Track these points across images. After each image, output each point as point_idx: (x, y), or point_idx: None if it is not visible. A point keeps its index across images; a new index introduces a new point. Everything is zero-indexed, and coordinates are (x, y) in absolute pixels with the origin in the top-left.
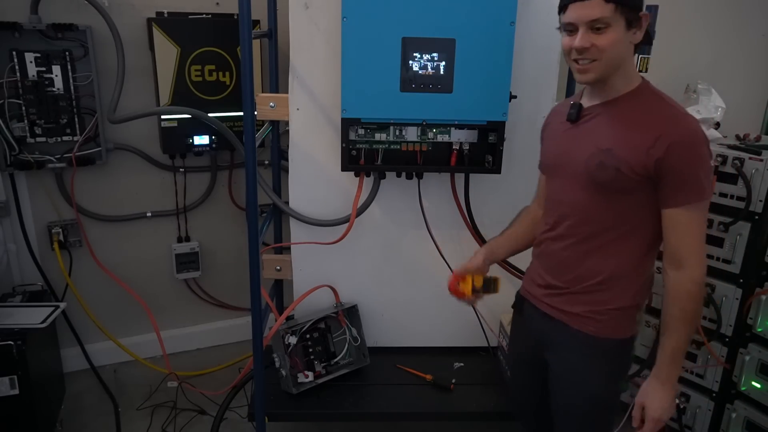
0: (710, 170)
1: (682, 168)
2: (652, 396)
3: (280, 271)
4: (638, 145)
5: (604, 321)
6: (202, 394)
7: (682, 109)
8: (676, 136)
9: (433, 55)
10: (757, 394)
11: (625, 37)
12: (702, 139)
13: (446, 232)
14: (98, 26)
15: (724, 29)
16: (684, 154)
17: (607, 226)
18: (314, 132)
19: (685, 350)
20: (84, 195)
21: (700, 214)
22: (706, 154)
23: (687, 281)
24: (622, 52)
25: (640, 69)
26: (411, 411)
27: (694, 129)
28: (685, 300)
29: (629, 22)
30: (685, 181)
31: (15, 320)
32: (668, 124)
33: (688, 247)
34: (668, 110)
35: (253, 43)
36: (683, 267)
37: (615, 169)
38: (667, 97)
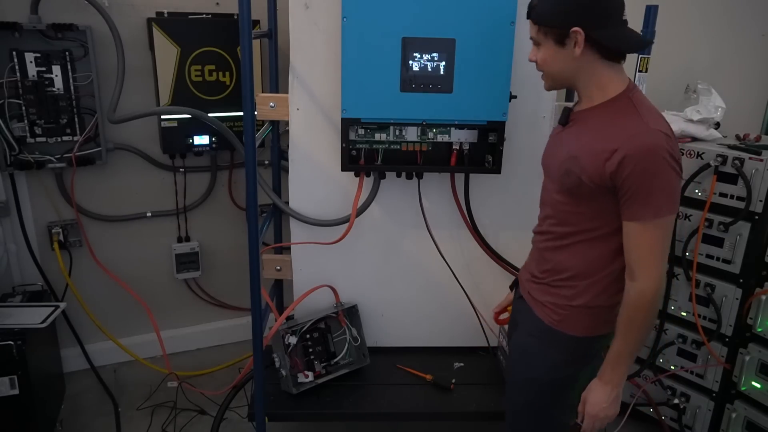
0: (669, 187)
1: (632, 183)
2: (593, 393)
3: (280, 271)
4: (598, 155)
5: (563, 315)
6: (202, 394)
7: (651, 123)
8: (630, 150)
9: (433, 55)
10: (757, 394)
11: (559, 54)
12: (659, 155)
13: (446, 232)
14: (98, 26)
15: (724, 29)
16: (635, 169)
17: (577, 228)
18: (314, 132)
19: (629, 356)
20: (84, 195)
21: (655, 230)
22: (663, 170)
23: (635, 292)
24: (565, 68)
25: (640, 69)
26: (411, 411)
27: (652, 145)
28: (632, 309)
29: (559, 40)
30: (637, 196)
31: (15, 320)
32: (627, 138)
33: (638, 260)
34: (633, 123)
35: (253, 43)
36: (634, 278)
37: (578, 177)
38: (643, 109)
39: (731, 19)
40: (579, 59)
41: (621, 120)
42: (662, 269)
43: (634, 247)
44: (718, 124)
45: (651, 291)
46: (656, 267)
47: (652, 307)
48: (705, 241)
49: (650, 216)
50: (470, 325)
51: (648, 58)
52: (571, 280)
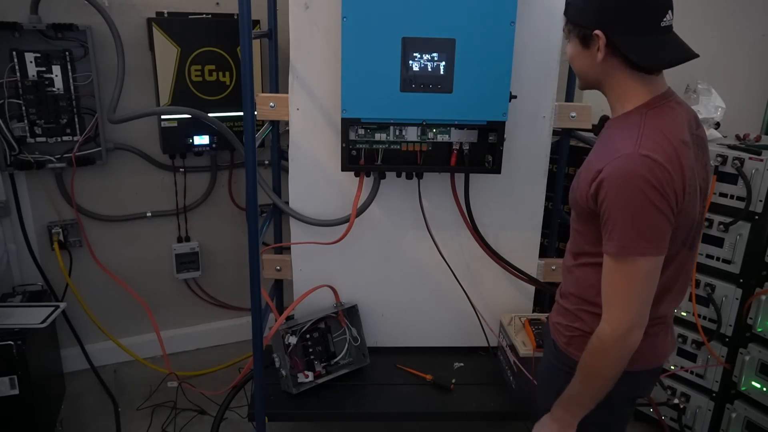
0: (643, 223)
1: (605, 210)
2: (539, 424)
3: (280, 271)
4: (589, 175)
5: (569, 338)
6: (202, 394)
7: (643, 148)
8: (608, 173)
9: (433, 55)
10: (757, 394)
11: (583, 54)
12: (634, 184)
13: (446, 232)
14: (98, 26)
15: (724, 29)
16: (607, 195)
17: (582, 250)
18: (314, 132)
19: (581, 401)
20: (84, 195)
21: (622, 270)
22: (637, 203)
23: (595, 334)
24: (588, 70)
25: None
26: (411, 411)
27: (629, 171)
28: (589, 351)
29: (583, 40)
30: (607, 225)
31: (15, 320)
32: (610, 160)
33: (608, 297)
34: (624, 144)
35: (253, 43)
36: (604, 318)
37: (575, 195)
38: (647, 129)
39: (731, 19)
40: (602, 64)
41: (619, 138)
42: (632, 315)
43: (605, 281)
44: (718, 124)
45: (611, 337)
46: (622, 311)
47: (609, 355)
48: (705, 241)
49: (614, 251)
50: (470, 325)
51: None
52: (572, 303)
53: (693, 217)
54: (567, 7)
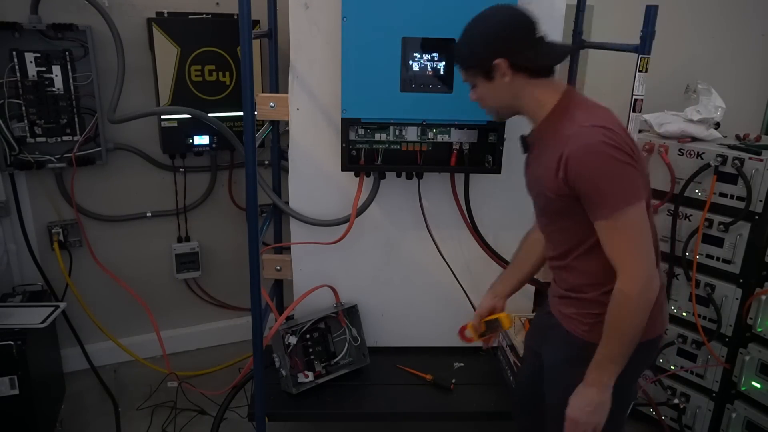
0: (620, 178)
1: (582, 185)
2: (576, 396)
3: (280, 271)
4: (551, 168)
5: (590, 324)
6: (202, 394)
7: (587, 121)
8: (570, 152)
9: (433, 55)
10: (757, 394)
11: (493, 87)
12: (598, 150)
13: (446, 232)
14: (98, 26)
15: (724, 29)
16: (580, 170)
17: (570, 246)
18: (314, 132)
19: (613, 360)
20: (84, 195)
21: (621, 225)
22: (608, 164)
23: (617, 292)
24: (503, 98)
25: (640, 69)
26: (411, 411)
27: (589, 142)
28: (615, 310)
29: (487, 75)
30: (591, 196)
31: (15, 320)
32: (566, 142)
33: (616, 260)
34: (570, 127)
35: (253, 43)
36: (621, 275)
37: (546, 196)
38: (579, 110)
39: (731, 19)
40: (511, 86)
41: (560, 128)
42: (645, 265)
43: (608, 247)
44: (718, 124)
45: (634, 290)
46: (636, 264)
47: (636, 309)
48: (705, 241)
49: (609, 212)
50: None
51: (648, 58)
52: (586, 293)
53: (645, 169)
54: (459, 60)
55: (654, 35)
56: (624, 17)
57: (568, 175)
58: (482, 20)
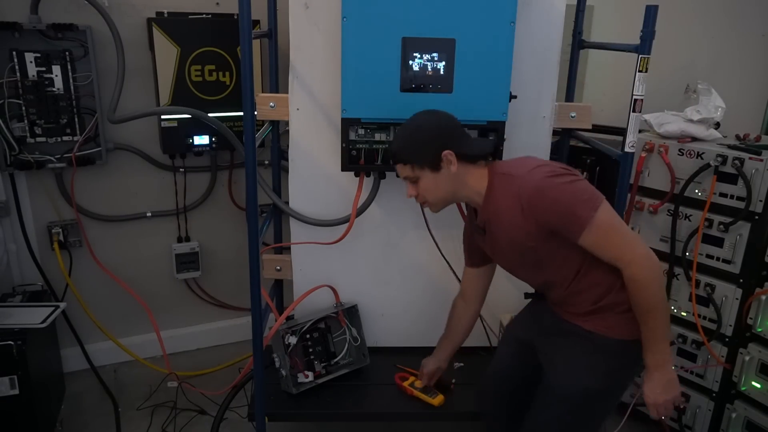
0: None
1: (550, 217)
2: (646, 384)
3: (280, 271)
4: (518, 224)
5: (610, 322)
6: (202, 394)
7: (522, 171)
8: (527, 199)
9: (433, 55)
10: (757, 394)
11: (438, 178)
12: (546, 185)
13: (446, 232)
14: (98, 26)
15: (724, 29)
16: (542, 207)
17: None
18: (314, 132)
19: (658, 337)
20: (84, 195)
21: (600, 226)
22: (559, 191)
23: (631, 277)
24: (447, 187)
25: (640, 69)
26: (411, 411)
27: (536, 185)
28: (635, 296)
29: (433, 167)
30: (563, 221)
31: (15, 320)
32: (519, 195)
33: (613, 255)
34: (513, 184)
35: (253, 43)
36: (626, 266)
37: (528, 249)
38: (512, 170)
39: (731, 19)
40: (456, 175)
41: (506, 190)
42: (637, 247)
43: (601, 251)
44: (718, 124)
45: (642, 273)
46: (630, 250)
47: (653, 285)
48: (705, 241)
49: (585, 224)
50: None
51: (648, 58)
52: (599, 302)
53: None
54: (404, 158)
55: (654, 35)
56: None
57: (537, 218)
58: (420, 123)
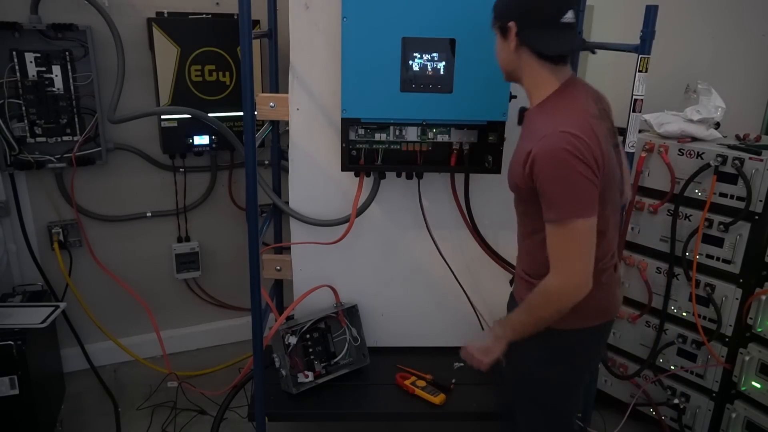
0: (573, 190)
1: (540, 185)
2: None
3: (280, 271)
4: (522, 158)
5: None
6: (202, 394)
7: (560, 125)
8: (536, 152)
9: (433, 55)
10: (757, 394)
11: (502, 46)
12: (559, 157)
13: (446, 232)
14: (98, 26)
15: (724, 29)
16: (540, 171)
17: (529, 229)
18: (314, 132)
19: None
20: (84, 195)
21: (562, 235)
22: (564, 173)
23: (543, 282)
24: (507, 62)
25: (640, 69)
26: (411, 411)
27: (552, 147)
28: (534, 295)
29: (502, 31)
30: (546, 197)
31: (15, 320)
32: (537, 141)
33: (553, 257)
34: (545, 125)
35: (253, 43)
36: (553, 276)
37: (513, 181)
38: (561, 110)
39: (731, 19)
40: (516, 54)
41: (541, 122)
42: (576, 273)
43: (549, 246)
44: (718, 124)
45: (555, 289)
46: (567, 270)
47: (552, 308)
48: (705, 241)
49: (557, 218)
50: (470, 325)
51: (648, 58)
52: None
53: (615, 174)
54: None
55: (654, 35)
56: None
57: (533, 171)
58: None
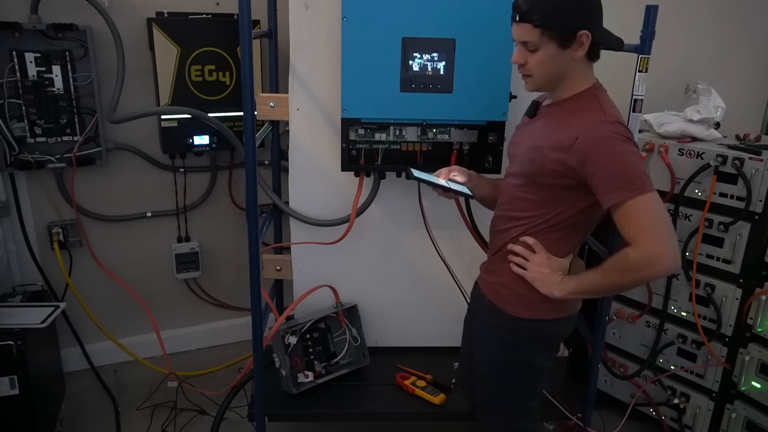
0: (635, 166)
1: (593, 170)
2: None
3: (280, 271)
4: (562, 144)
5: (505, 296)
6: (202, 394)
7: (608, 116)
8: (588, 137)
9: (433, 55)
10: (757, 394)
11: (559, 56)
12: (614, 139)
13: (446, 232)
14: (98, 26)
15: (724, 29)
16: (596, 156)
17: (524, 215)
18: (314, 132)
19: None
20: (84, 195)
21: (645, 205)
22: (623, 152)
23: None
24: (558, 70)
25: (640, 69)
26: (411, 411)
27: (608, 132)
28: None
29: (562, 43)
30: (602, 180)
31: (15, 320)
32: (587, 127)
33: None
34: (593, 115)
35: (253, 43)
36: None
37: (541, 165)
38: (604, 104)
39: (731, 19)
40: (574, 61)
41: (584, 112)
42: (666, 246)
43: (628, 227)
44: (718, 124)
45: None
46: (658, 244)
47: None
48: (705, 241)
49: (629, 195)
50: None
51: (648, 58)
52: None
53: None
54: (539, 19)
55: (654, 35)
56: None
57: (581, 158)
58: None
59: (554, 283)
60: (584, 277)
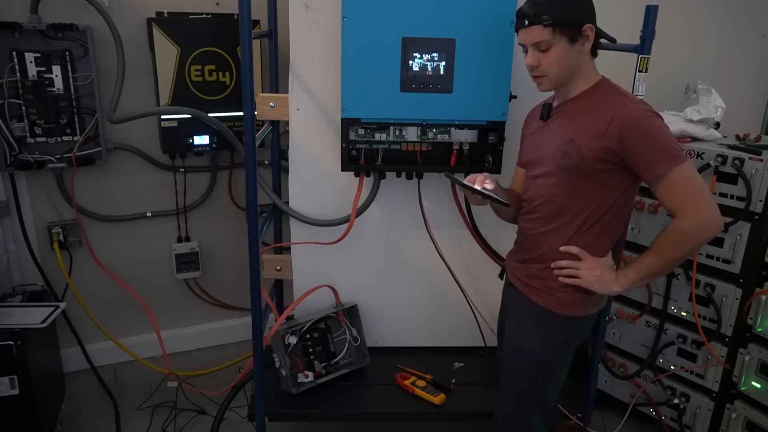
0: (671, 138)
1: (637, 147)
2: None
3: (280, 271)
4: (595, 130)
5: (555, 296)
6: (202, 394)
7: (633, 98)
8: (622, 119)
9: (433, 55)
10: (757, 394)
11: (570, 52)
12: (647, 116)
13: (446, 232)
14: (98, 26)
15: (724, 29)
16: (637, 132)
17: (564, 211)
18: (314, 132)
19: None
20: (84, 195)
21: (686, 175)
22: (659, 126)
23: (672, 227)
24: (571, 65)
25: (640, 69)
26: (411, 411)
27: (640, 110)
28: (664, 239)
29: (572, 39)
30: (644, 154)
31: (15, 320)
32: (618, 110)
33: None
34: (619, 99)
35: (253, 43)
36: (683, 217)
37: (578, 155)
38: (621, 90)
39: (731, 19)
40: (581, 55)
41: (607, 99)
42: (706, 208)
43: (671, 198)
44: (718, 124)
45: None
46: (703, 208)
47: (690, 246)
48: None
49: (674, 164)
50: (470, 325)
51: (648, 58)
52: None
53: None
54: (550, 17)
55: (654, 35)
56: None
57: (621, 138)
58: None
59: (611, 281)
60: (639, 264)
